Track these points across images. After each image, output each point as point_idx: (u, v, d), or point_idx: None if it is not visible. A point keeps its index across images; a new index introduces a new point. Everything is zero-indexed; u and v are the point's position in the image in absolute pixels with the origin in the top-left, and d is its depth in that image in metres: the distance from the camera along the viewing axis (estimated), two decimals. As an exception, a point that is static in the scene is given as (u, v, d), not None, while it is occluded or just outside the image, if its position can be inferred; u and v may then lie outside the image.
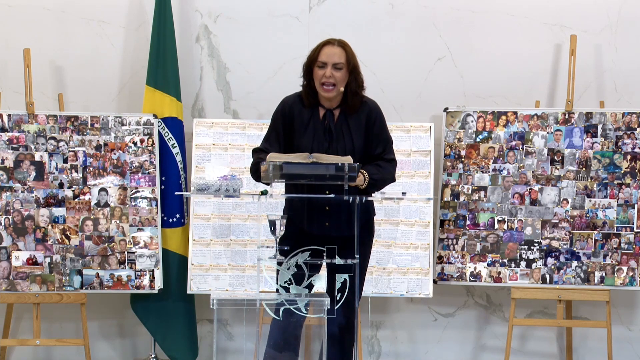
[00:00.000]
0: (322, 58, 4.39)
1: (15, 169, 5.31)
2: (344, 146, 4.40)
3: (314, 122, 4.44)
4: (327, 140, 4.42)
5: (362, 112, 4.47)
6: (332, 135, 4.43)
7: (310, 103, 4.46)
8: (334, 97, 4.44)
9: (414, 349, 5.83)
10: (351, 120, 4.45)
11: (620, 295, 5.65)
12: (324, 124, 4.45)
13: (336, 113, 4.46)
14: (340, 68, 4.39)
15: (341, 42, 4.45)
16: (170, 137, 5.48)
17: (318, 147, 4.38)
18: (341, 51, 4.41)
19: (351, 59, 4.42)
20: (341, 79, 4.39)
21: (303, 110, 4.46)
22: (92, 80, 5.67)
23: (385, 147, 4.50)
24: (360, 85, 4.46)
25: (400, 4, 5.73)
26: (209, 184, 4.13)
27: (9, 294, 5.28)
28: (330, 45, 4.42)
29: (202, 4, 5.73)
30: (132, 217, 5.39)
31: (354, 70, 4.43)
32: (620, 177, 5.43)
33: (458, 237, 5.49)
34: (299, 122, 4.44)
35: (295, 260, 4.17)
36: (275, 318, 4.22)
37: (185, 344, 5.52)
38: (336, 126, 4.44)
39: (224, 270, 5.44)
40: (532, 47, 5.73)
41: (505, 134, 5.49)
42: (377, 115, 4.51)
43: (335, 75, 4.38)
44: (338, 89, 4.40)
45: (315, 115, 4.46)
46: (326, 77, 4.37)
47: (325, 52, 4.40)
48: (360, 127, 4.45)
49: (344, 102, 4.46)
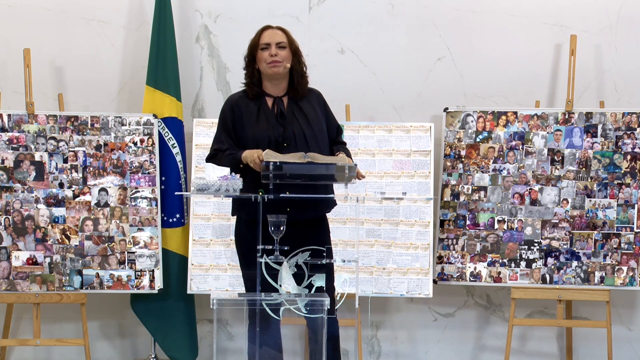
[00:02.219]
0: (265, 40, 4.47)
1: (15, 169, 5.31)
2: (300, 130, 4.42)
3: (263, 110, 4.46)
4: (281, 125, 4.43)
5: (312, 97, 4.55)
6: (285, 119, 4.44)
7: (256, 93, 4.49)
8: (281, 81, 4.48)
9: (414, 349, 5.83)
10: (303, 105, 4.49)
11: (620, 295, 5.65)
12: (274, 111, 4.47)
13: (285, 100, 4.50)
14: (284, 47, 4.46)
15: (280, 27, 4.55)
16: (170, 137, 5.48)
17: (273, 133, 4.39)
18: (282, 33, 4.51)
19: (292, 41, 4.51)
20: (286, 57, 4.46)
21: (250, 103, 4.49)
22: (92, 80, 5.67)
23: (337, 130, 4.60)
24: (304, 68, 4.53)
25: (400, 4, 5.74)
26: (209, 184, 4.13)
27: (9, 294, 5.28)
28: (271, 29, 4.52)
29: (202, 4, 5.73)
30: (132, 217, 5.39)
31: (297, 52, 4.51)
32: (620, 177, 5.43)
33: (458, 237, 5.49)
34: (248, 115, 4.46)
35: (295, 261, 4.18)
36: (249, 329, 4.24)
37: (185, 344, 5.52)
38: (288, 111, 4.46)
39: (224, 270, 5.44)
40: (532, 47, 5.73)
41: (505, 134, 5.49)
42: (324, 100, 4.60)
43: (280, 53, 4.44)
44: (284, 66, 4.44)
45: (263, 105, 4.48)
46: (272, 55, 4.42)
47: (267, 34, 4.49)
48: (314, 111, 4.49)
49: (290, 89, 4.51)
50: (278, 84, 4.48)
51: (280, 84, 4.49)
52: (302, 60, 4.53)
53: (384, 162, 5.47)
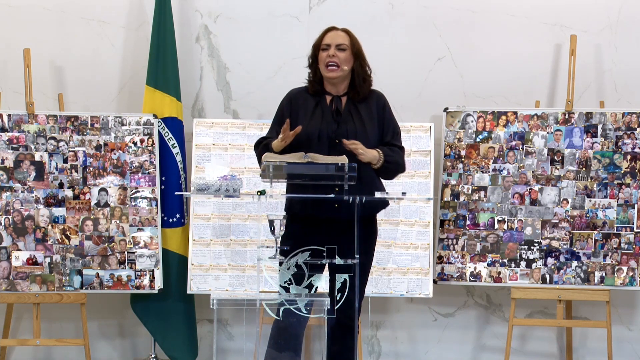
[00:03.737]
0: (326, 41, 4.45)
1: (15, 169, 5.31)
2: (353, 128, 4.40)
3: (321, 106, 4.46)
4: (335, 122, 4.41)
5: (371, 99, 4.50)
6: (341, 117, 4.43)
7: (316, 91, 4.48)
8: (340, 81, 4.45)
9: (414, 349, 5.83)
10: (360, 107, 4.46)
11: (620, 295, 5.65)
12: (331, 108, 4.46)
13: (344, 100, 4.48)
14: (344, 49, 4.42)
15: (345, 29, 4.51)
16: (170, 137, 5.48)
17: (326, 129, 4.38)
18: (345, 35, 4.47)
19: (355, 43, 4.47)
20: (345, 59, 4.42)
21: (309, 98, 4.48)
22: (92, 80, 5.67)
23: (394, 134, 4.52)
24: (367, 71, 4.49)
25: (400, 4, 5.74)
26: (209, 184, 4.13)
27: (9, 294, 5.28)
28: (334, 30, 4.49)
29: (202, 4, 5.73)
30: (132, 217, 5.39)
31: (359, 54, 4.46)
32: (620, 177, 5.43)
33: (458, 237, 5.49)
34: (304, 109, 4.45)
35: (295, 260, 4.17)
36: (276, 319, 4.22)
37: (185, 344, 5.52)
38: (344, 110, 4.45)
39: (224, 270, 5.44)
40: (532, 47, 5.73)
41: (505, 134, 5.49)
42: (385, 102, 4.54)
43: (339, 55, 4.41)
44: (342, 69, 4.41)
45: (322, 101, 4.47)
46: (330, 57, 4.40)
47: (329, 35, 4.47)
48: (370, 113, 4.46)
49: (351, 89, 4.48)
50: (337, 85, 4.47)
51: (340, 85, 4.47)
52: (364, 63, 4.48)
53: (384, 162, 5.46)
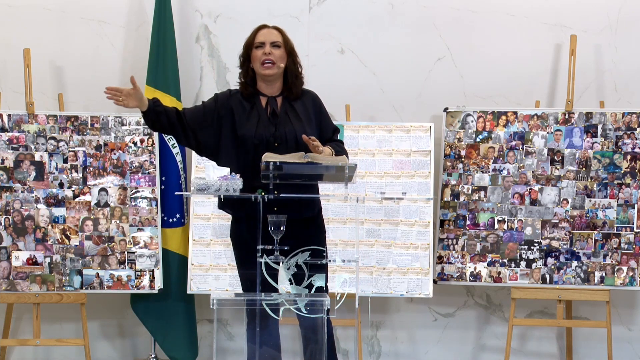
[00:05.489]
0: (260, 39, 4.43)
1: (15, 169, 5.31)
2: (292, 130, 4.38)
3: (257, 109, 4.43)
4: (272, 125, 4.39)
5: (307, 98, 4.49)
6: (278, 119, 4.41)
7: (250, 93, 4.46)
8: (275, 80, 4.44)
9: (414, 349, 5.83)
10: (296, 106, 4.45)
11: (620, 295, 5.66)
12: (267, 110, 4.44)
13: (279, 100, 4.46)
14: (279, 46, 4.42)
15: (276, 27, 4.51)
16: (170, 137, 5.47)
17: (264, 133, 4.36)
18: (277, 32, 4.47)
19: (288, 41, 4.47)
20: (280, 57, 4.41)
21: (243, 101, 4.45)
22: (92, 80, 5.66)
23: (334, 131, 4.54)
24: (299, 69, 4.49)
25: (400, 4, 5.73)
26: (209, 184, 4.12)
27: (9, 294, 5.28)
28: (266, 28, 4.48)
29: (202, 4, 5.73)
30: (132, 217, 5.39)
31: (292, 52, 4.47)
32: (620, 177, 5.43)
33: (458, 237, 5.49)
34: (239, 112, 4.42)
35: (295, 260, 4.18)
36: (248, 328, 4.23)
37: (185, 344, 5.52)
38: (281, 111, 4.44)
39: (224, 270, 5.44)
40: (532, 47, 5.73)
41: (505, 134, 5.49)
42: (321, 103, 4.54)
43: (274, 53, 4.40)
44: (278, 66, 4.41)
45: (257, 104, 4.45)
46: (265, 54, 4.39)
47: (262, 33, 4.45)
48: (306, 113, 4.45)
49: (285, 89, 4.47)
50: (272, 84, 4.46)
51: (274, 84, 4.46)
52: (297, 60, 4.48)
53: (384, 162, 5.47)
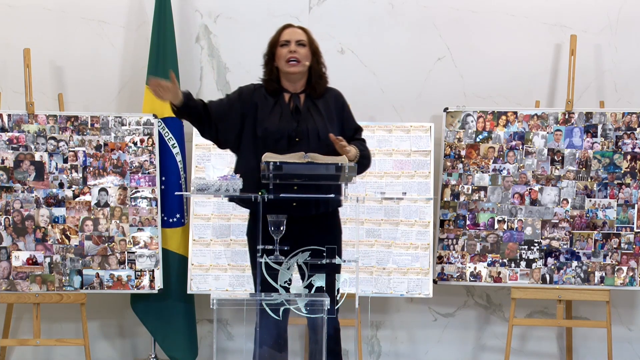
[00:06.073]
0: (285, 37, 4.47)
1: (15, 169, 5.31)
2: (314, 126, 4.40)
3: (280, 104, 4.46)
4: (295, 121, 4.42)
5: (329, 96, 4.53)
6: (300, 115, 4.44)
7: (274, 89, 4.49)
8: (299, 78, 4.47)
9: (414, 349, 5.83)
10: (319, 104, 4.48)
11: (620, 295, 5.65)
12: (289, 106, 4.46)
13: (302, 97, 4.49)
14: (304, 45, 4.46)
15: (301, 26, 4.55)
16: (170, 137, 5.48)
17: (286, 127, 4.38)
18: (302, 32, 4.51)
19: (312, 41, 4.51)
20: (305, 55, 4.45)
21: (267, 96, 4.49)
22: (92, 80, 5.67)
23: (356, 129, 4.57)
24: (323, 68, 4.52)
25: (400, 4, 5.74)
26: (209, 184, 4.13)
27: (9, 294, 5.28)
28: (291, 27, 4.53)
29: (202, 4, 5.73)
30: (132, 217, 5.39)
31: (316, 51, 4.51)
32: (620, 177, 5.43)
33: (458, 237, 5.49)
34: (263, 107, 4.45)
35: (295, 260, 4.17)
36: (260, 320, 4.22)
37: (185, 344, 5.52)
38: (303, 107, 4.46)
39: (224, 270, 5.44)
40: (532, 47, 5.73)
41: (505, 134, 5.49)
42: (344, 101, 4.58)
43: (299, 51, 4.44)
44: (303, 64, 4.44)
45: (280, 100, 4.48)
46: (291, 52, 4.43)
47: (287, 32, 4.50)
48: (329, 111, 4.48)
49: (308, 86, 4.50)
50: (295, 82, 4.49)
51: (298, 82, 4.49)
52: (321, 60, 4.52)
53: (384, 162, 5.47)
